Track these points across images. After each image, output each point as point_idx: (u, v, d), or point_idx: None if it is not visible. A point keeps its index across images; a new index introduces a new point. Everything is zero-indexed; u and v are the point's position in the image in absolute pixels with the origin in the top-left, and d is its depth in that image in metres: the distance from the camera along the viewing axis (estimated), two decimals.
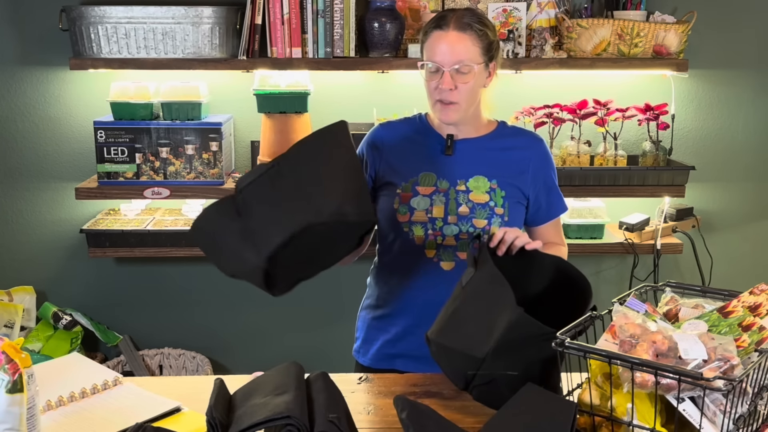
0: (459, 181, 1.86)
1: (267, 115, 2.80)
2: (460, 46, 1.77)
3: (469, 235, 1.85)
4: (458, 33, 1.77)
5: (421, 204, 1.85)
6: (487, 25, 1.81)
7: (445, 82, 1.78)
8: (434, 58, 1.78)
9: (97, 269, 3.07)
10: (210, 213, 1.59)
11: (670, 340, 1.35)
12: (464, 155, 1.89)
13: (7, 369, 1.30)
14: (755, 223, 3.14)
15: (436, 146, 1.90)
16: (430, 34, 1.81)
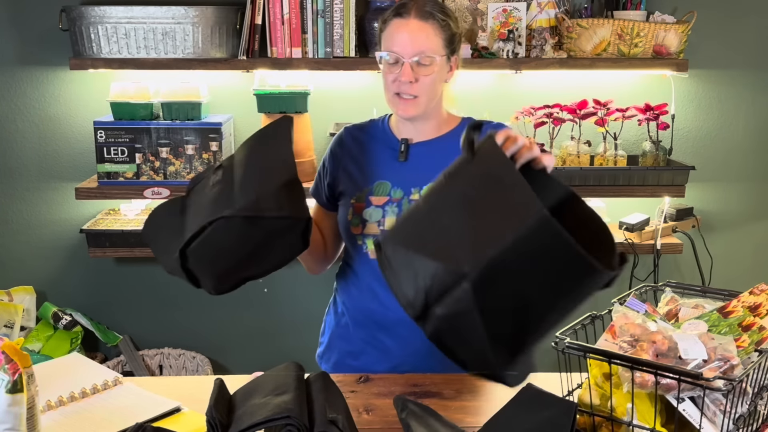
0: (413, 189, 1.75)
1: (267, 115, 2.80)
2: (421, 36, 1.67)
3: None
4: (420, 21, 1.67)
5: (373, 215, 1.76)
6: (449, 16, 1.72)
7: (404, 73, 1.67)
8: (393, 47, 1.68)
9: (97, 269, 3.07)
10: (159, 211, 1.62)
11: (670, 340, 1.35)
12: (419, 161, 1.77)
13: (7, 369, 1.30)
14: (755, 223, 3.14)
15: (391, 151, 1.80)
16: (389, 23, 1.70)
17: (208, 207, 1.52)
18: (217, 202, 1.51)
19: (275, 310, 3.14)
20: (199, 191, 1.59)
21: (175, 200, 1.63)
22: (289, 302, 3.13)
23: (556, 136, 2.83)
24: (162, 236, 1.60)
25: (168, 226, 1.59)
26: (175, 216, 1.59)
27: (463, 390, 1.67)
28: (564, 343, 1.37)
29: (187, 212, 1.58)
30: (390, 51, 1.68)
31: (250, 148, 1.60)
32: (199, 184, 1.61)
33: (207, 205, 1.53)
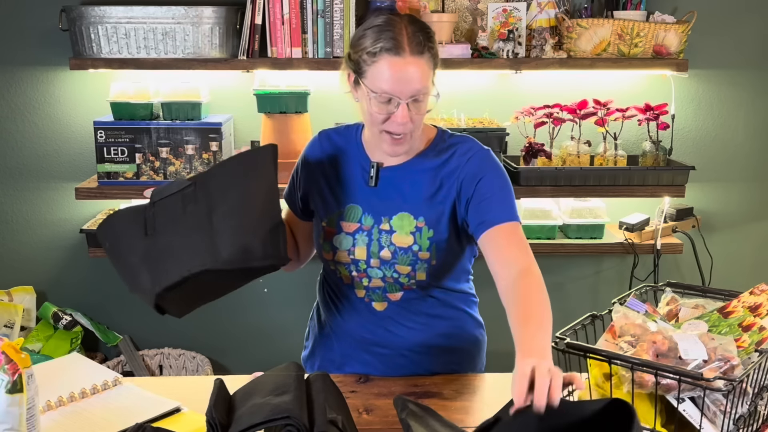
0: (383, 218, 1.66)
1: (267, 115, 2.80)
2: (418, 75, 1.52)
3: (395, 280, 1.66)
4: (415, 58, 1.51)
5: (343, 243, 1.68)
6: (434, 39, 1.57)
7: (401, 115, 1.53)
8: (386, 87, 1.52)
9: (97, 269, 3.07)
10: (120, 218, 1.57)
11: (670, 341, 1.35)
12: (390, 186, 1.67)
13: (7, 369, 1.30)
14: (755, 223, 3.14)
15: (363, 173, 1.69)
16: (378, 58, 1.52)
17: (189, 249, 1.49)
18: (198, 244, 1.49)
19: (275, 311, 3.14)
20: (167, 208, 1.54)
21: (136, 209, 1.56)
22: (289, 302, 3.13)
23: (556, 136, 2.83)
24: (124, 251, 1.56)
25: (131, 244, 1.54)
26: (139, 232, 1.54)
27: (463, 390, 1.67)
28: (564, 343, 1.37)
29: (157, 238, 1.52)
30: (383, 91, 1.52)
31: (233, 182, 1.54)
32: (166, 199, 1.55)
33: (184, 247, 1.49)
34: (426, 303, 1.73)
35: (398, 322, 1.73)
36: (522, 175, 2.75)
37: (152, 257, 1.51)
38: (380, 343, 1.74)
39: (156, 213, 1.54)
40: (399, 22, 1.55)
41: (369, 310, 1.73)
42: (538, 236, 2.87)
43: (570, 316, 1.76)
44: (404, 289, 1.70)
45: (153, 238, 1.52)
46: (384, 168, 1.68)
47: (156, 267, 1.50)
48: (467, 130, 2.69)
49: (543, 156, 2.79)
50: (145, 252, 1.52)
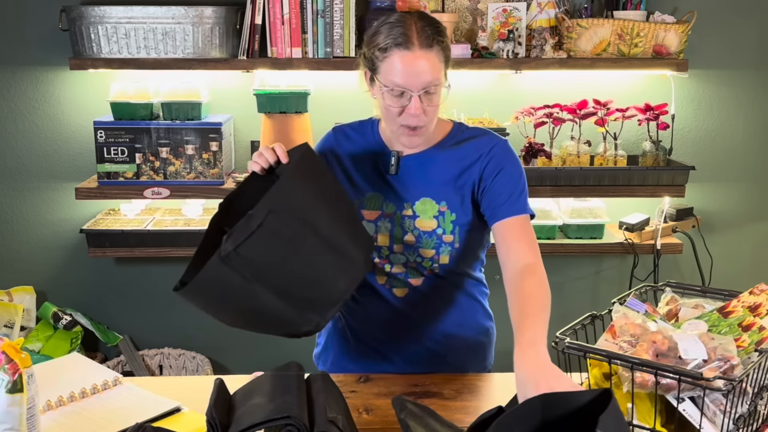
0: (405, 204, 1.70)
1: (267, 115, 2.80)
2: (427, 67, 1.57)
3: (418, 265, 1.71)
4: (425, 52, 1.56)
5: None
6: (444, 33, 1.62)
7: (414, 107, 1.58)
8: (398, 81, 1.57)
9: (97, 269, 3.07)
10: (210, 278, 1.42)
11: (670, 340, 1.35)
12: (411, 174, 1.71)
13: (7, 369, 1.30)
14: (755, 223, 3.14)
15: (383, 163, 1.73)
16: (390, 52, 1.57)
17: (330, 276, 1.50)
18: (336, 269, 1.50)
19: None
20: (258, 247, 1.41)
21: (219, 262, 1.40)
22: None
23: (556, 136, 2.83)
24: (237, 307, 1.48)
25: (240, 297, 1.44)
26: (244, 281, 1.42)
27: (463, 390, 1.67)
28: (564, 343, 1.37)
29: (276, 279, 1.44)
30: (396, 85, 1.57)
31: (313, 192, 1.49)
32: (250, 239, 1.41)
33: (324, 273, 1.49)
34: (446, 290, 1.76)
35: (418, 308, 1.75)
36: None
37: (288, 294, 1.46)
38: (399, 329, 1.76)
39: (243, 257, 1.40)
40: (409, 18, 1.60)
41: (390, 297, 1.76)
42: (538, 236, 2.85)
43: (570, 316, 1.76)
44: (426, 274, 1.73)
45: (264, 279, 1.43)
46: (404, 157, 1.72)
47: (302, 301, 1.48)
48: None
49: (543, 156, 2.79)
50: (269, 294, 1.44)
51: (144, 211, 3.01)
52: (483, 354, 1.86)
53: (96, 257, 2.89)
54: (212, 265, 1.39)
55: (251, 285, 1.42)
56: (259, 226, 1.41)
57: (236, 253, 1.39)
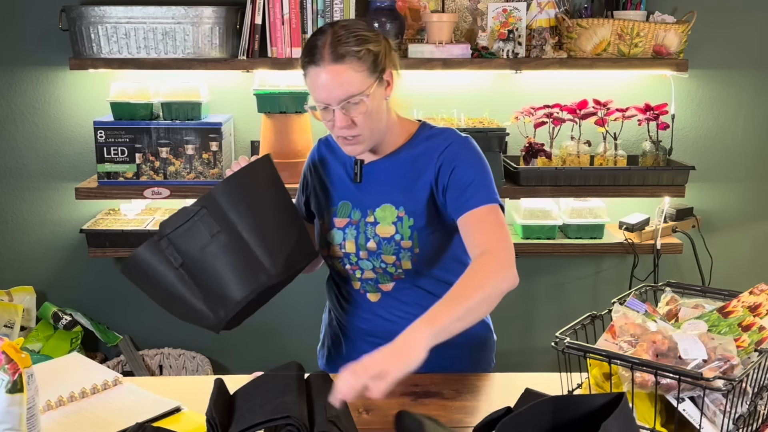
0: (368, 211, 1.72)
1: (267, 115, 2.80)
2: (340, 81, 1.55)
3: (384, 271, 1.72)
4: (335, 66, 1.54)
5: (335, 238, 1.75)
6: (367, 40, 1.58)
7: (338, 120, 1.58)
8: (318, 97, 1.58)
9: (97, 269, 3.07)
10: (141, 255, 1.60)
11: (670, 340, 1.35)
12: (373, 181, 1.73)
13: (7, 369, 1.30)
14: (755, 223, 3.14)
15: (349, 172, 1.76)
16: (307, 70, 1.59)
17: (238, 275, 1.57)
18: (246, 270, 1.58)
19: (275, 310, 3.12)
20: (186, 238, 1.59)
21: (151, 245, 1.60)
22: (290, 302, 3.13)
23: (556, 136, 2.83)
24: (161, 286, 1.61)
25: (164, 277, 1.60)
26: (167, 265, 1.59)
27: (463, 390, 1.67)
28: (564, 343, 1.37)
29: (193, 267, 1.59)
30: (317, 101, 1.59)
31: (247, 196, 1.61)
32: (180, 229, 1.59)
33: (233, 271, 1.58)
34: (417, 293, 1.75)
35: (392, 313, 1.76)
36: (522, 175, 2.75)
37: (201, 286, 1.59)
38: (377, 333, 1.76)
39: (174, 245, 1.59)
40: (326, 31, 1.59)
41: (365, 301, 1.78)
42: (538, 236, 2.87)
43: (570, 316, 1.76)
44: (394, 279, 1.74)
45: (186, 268, 1.59)
46: (366, 164, 1.74)
47: (211, 296, 1.58)
48: (467, 129, 2.69)
49: (543, 156, 2.79)
50: (186, 283, 1.59)
51: (144, 211, 3.01)
52: (474, 359, 1.83)
53: (96, 257, 2.89)
54: (147, 246, 1.59)
55: (175, 271, 1.59)
56: (190, 218, 1.59)
57: (168, 238, 1.59)
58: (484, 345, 1.86)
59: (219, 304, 1.58)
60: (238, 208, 1.59)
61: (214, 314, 1.59)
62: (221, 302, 1.58)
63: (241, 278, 1.58)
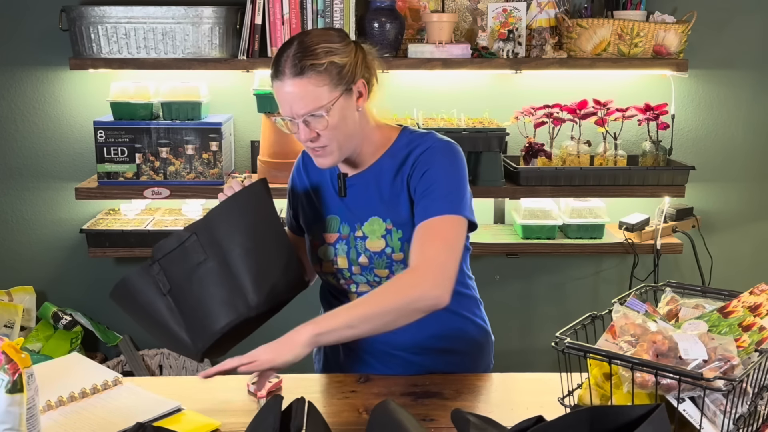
0: (357, 225, 1.69)
1: (267, 115, 2.80)
2: (300, 95, 1.54)
3: (379, 284, 1.67)
4: (294, 80, 1.54)
5: (327, 254, 1.72)
6: (332, 51, 1.56)
7: (302, 133, 1.57)
8: (282, 111, 1.59)
9: (97, 269, 3.07)
10: (131, 281, 1.61)
11: (670, 340, 1.34)
12: (357, 194, 1.70)
13: (7, 369, 1.30)
14: (755, 223, 3.14)
15: (334, 186, 1.72)
16: (273, 84, 1.60)
17: (218, 305, 1.56)
18: (226, 299, 1.56)
19: None
20: (174, 264, 1.59)
21: (142, 271, 1.61)
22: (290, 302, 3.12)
23: (556, 136, 2.83)
24: (148, 312, 1.61)
25: (152, 304, 1.60)
26: (156, 292, 1.59)
27: (463, 390, 1.67)
28: (564, 343, 1.37)
29: (179, 294, 1.58)
30: (283, 114, 1.59)
31: (235, 224, 1.59)
32: (171, 255, 1.60)
33: (214, 301, 1.56)
34: None
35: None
36: (522, 175, 2.75)
37: (184, 314, 1.58)
38: (376, 345, 1.75)
39: (165, 270, 1.59)
40: (292, 43, 1.60)
41: None
42: (538, 236, 2.87)
43: (570, 316, 1.76)
44: None
45: (173, 295, 1.59)
46: (349, 177, 1.70)
47: (192, 324, 1.58)
48: (467, 130, 2.69)
49: (543, 156, 2.79)
50: (171, 310, 1.59)
51: (144, 211, 3.01)
52: (473, 364, 1.82)
53: (96, 257, 2.89)
54: (139, 271, 1.60)
55: (162, 297, 1.58)
56: (181, 244, 1.59)
57: (158, 264, 1.59)
58: (482, 348, 1.85)
59: (198, 333, 1.57)
60: (227, 235, 1.58)
61: (193, 343, 1.58)
62: (200, 331, 1.57)
63: (222, 308, 1.56)
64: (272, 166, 2.78)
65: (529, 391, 1.69)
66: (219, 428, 1.51)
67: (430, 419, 1.53)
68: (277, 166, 2.78)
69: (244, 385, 1.68)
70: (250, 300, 1.57)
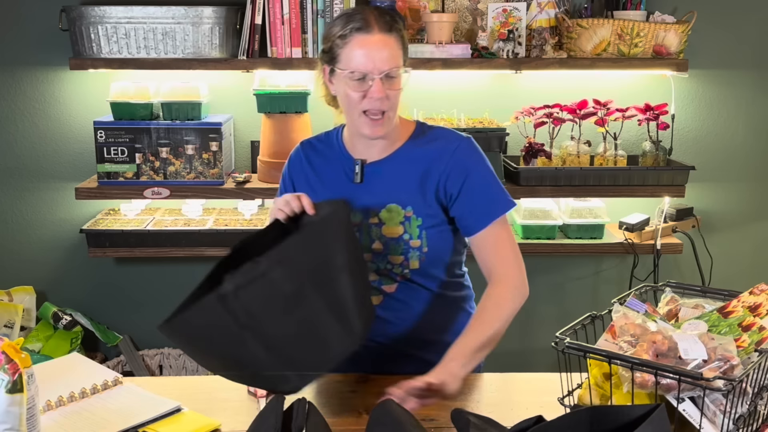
0: (371, 212, 1.70)
1: (267, 115, 2.80)
2: (386, 50, 1.59)
3: (389, 272, 1.71)
4: (384, 36, 1.60)
5: None
6: (402, 24, 1.67)
7: (376, 90, 1.59)
8: (359, 65, 1.59)
9: (97, 269, 3.07)
10: (198, 314, 1.43)
11: (670, 340, 1.35)
12: (376, 181, 1.71)
13: (7, 369, 1.30)
14: (755, 223, 3.14)
15: (348, 172, 1.73)
16: (349, 38, 1.60)
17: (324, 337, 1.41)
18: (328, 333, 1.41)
19: None
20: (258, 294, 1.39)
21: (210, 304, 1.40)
22: None
23: (556, 136, 2.83)
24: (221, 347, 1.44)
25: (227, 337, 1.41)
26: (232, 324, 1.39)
27: (463, 390, 1.67)
28: (564, 343, 1.37)
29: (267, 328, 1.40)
30: (357, 69, 1.59)
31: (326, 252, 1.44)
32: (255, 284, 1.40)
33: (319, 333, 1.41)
34: (421, 295, 1.75)
35: (395, 315, 1.75)
36: (522, 175, 2.75)
37: (287, 359, 1.42)
38: (379, 337, 1.75)
39: (245, 301, 1.39)
40: (366, 7, 1.66)
41: None
42: (538, 236, 2.87)
43: (570, 316, 1.76)
44: (398, 280, 1.73)
45: (258, 329, 1.41)
46: (368, 164, 1.72)
47: (298, 365, 1.43)
48: (467, 130, 2.69)
49: (543, 156, 2.79)
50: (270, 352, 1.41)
51: (144, 211, 3.01)
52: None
53: (96, 257, 2.89)
54: (208, 302, 1.40)
55: (241, 330, 1.40)
56: (264, 274, 1.40)
57: (235, 295, 1.39)
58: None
59: (294, 368, 1.43)
60: (318, 263, 1.43)
61: (299, 380, 1.45)
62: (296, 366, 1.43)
63: (330, 339, 1.43)
64: (272, 166, 2.78)
65: (529, 391, 1.69)
66: (219, 428, 1.52)
67: (430, 419, 1.53)
68: (277, 166, 2.77)
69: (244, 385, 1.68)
70: (356, 330, 1.44)
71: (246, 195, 2.79)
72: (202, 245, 2.80)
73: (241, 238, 1.61)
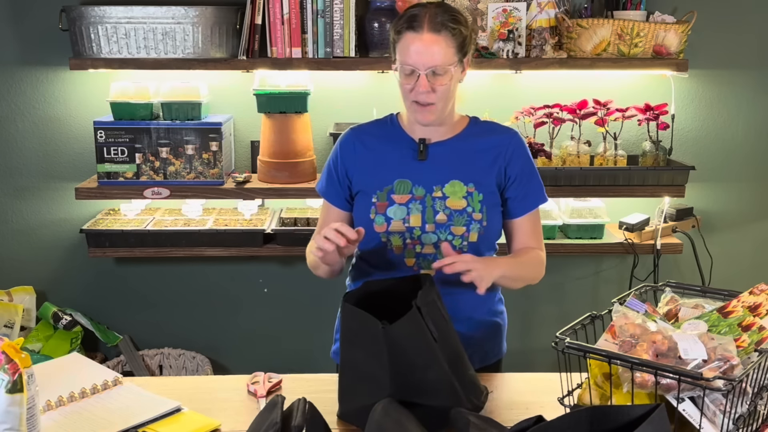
0: (435, 187, 1.82)
1: (267, 115, 2.80)
2: (434, 49, 1.71)
3: (450, 243, 1.80)
4: (432, 35, 1.71)
5: (398, 213, 1.80)
6: (460, 22, 1.75)
7: (421, 84, 1.72)
8: (408, 60, 1.72)
9: (97, 269, 3.07)
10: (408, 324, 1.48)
11: (670, 340, 1.35)
12: (438, 159, 1.84)
13: (7, 369, 1.30)
14: (755, 223, 3.14)
15: (408, 151, 1.85)
16: (402, 35, 1.74)
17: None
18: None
19: (275, 310, 3.14)
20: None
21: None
22: (289, 302, 3.13)
23: (556, 136, 2.83)
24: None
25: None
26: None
27: None
28: (564, 343, 1.37)
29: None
30: (405, 64, 1.72)
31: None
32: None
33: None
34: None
35: (444, 290, 1.72)
36: None
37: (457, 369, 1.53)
38: None
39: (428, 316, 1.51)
40: (427, 6, 1.76)
41: None
42: None
43: (570, 316, 1.76)
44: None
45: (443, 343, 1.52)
46: (431, 144, 1.85)
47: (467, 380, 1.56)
48: None
49: (543, 156, 2.79)
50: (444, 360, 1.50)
51: (144, 211, 3.01)
52: (499, 338, 1.94)
53: (96, 257, 2.89)
54: (411, 315, 1.47)
55: (435, 344, 1.49)
56: (433, 301, 1.54)
57: (423, 308, 1.50)
58: (495, 334, 1.92)
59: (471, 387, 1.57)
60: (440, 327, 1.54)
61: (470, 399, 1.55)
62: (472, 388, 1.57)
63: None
64: (272, 166, 2.78)
65: (529, 391, 1.69)
66: (219, 428, 1.52)
67: None
68: (277, 166, 2.78)
69: (244, 385, 1.68)
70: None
71: (246, 195, 2.79)
72: (202, 245, 2.81)
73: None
